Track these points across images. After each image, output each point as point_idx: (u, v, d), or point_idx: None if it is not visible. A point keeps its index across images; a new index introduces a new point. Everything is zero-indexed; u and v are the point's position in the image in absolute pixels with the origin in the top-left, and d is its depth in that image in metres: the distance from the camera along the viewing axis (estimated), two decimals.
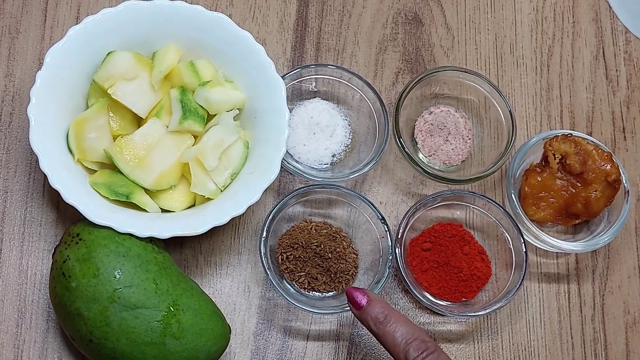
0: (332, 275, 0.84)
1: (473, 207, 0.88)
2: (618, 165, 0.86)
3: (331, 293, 0.85)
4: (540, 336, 0.87)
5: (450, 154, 0.91)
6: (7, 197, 0.85)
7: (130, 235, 0.76)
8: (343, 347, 0.85)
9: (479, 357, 0.86)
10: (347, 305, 0.81)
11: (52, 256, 0.77)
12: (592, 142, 0.87)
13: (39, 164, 0.76)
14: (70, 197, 0.76)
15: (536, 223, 0.87)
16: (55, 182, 0.76)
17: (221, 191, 0.81)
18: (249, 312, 0.85)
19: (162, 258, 0.77)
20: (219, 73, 0.84)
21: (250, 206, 0.78)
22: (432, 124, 0.91)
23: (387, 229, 0.84)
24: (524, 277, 0.84)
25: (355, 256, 0.86)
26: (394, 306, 0.86)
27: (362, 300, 0.73)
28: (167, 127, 0.82)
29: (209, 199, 0.81)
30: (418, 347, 0.70)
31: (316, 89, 0.91)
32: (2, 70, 0.89)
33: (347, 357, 0.84)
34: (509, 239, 0.86)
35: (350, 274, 0.85)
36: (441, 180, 0.87)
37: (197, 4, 0.87)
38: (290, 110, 0.87)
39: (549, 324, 0.88)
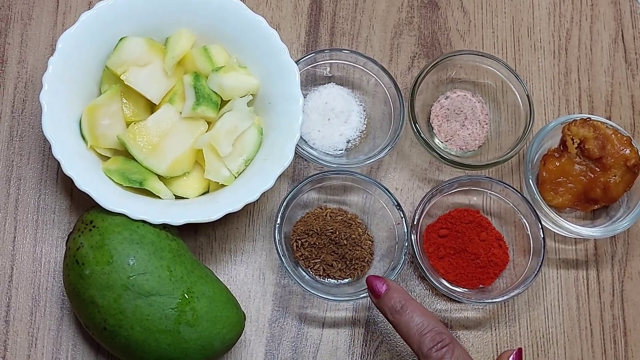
0: (348, 262, 0.83)
1: (490, 193, 0.87)
2: (638, 150, 0.85)
3: (346, 280, 0.84)
4: (559, 323, 0.87)
5: (466, 139, 0.90)
6: (21, 185, 0.85)
7: (144, 222, 0.76)
8: (359, 334, 0.84)
9: (496, 344, 0.85)
10: (362, 292, 0.80)
11: (66, 243, 0.77)
12: (611, 126, 0.86)
13: (51, 151, 0.76)
14: (84, 184, 0.76)
15: (554, 209, 0.86)
16: (68, 169, 0.76)
17: (235, 178, 0.81)
18: (264, 299, 0.84)
19: (176, 245, 0.76)
20: (233, 58, 0.84)
21: (264, 193, 0.78)
22: (448, 109, 0.90)
23: (402, 216, 0.83)
24: (542, 263, 0.83)
25: (370, 243, 0.85)
26: (410, 293, 0.85)
27: (381, 288, 0.73)
28: (181, 113, 0.81)
29: (222, 186, 0.81)
30: (432, 339, 0.69)
31: (331, 74, 0.90)
32: (14, 57, 0.88)
33: (363, 344, 0.84)
34: (527, 225, 0.85)
35: (365, 260, 0.84)
36: (458, 165, 0.86)
37: None
38: (305, 96, 0.86)
39: (567, 310, 0.87)
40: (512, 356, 0.72)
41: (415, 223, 0.83)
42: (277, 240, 0.81)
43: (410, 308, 0.71)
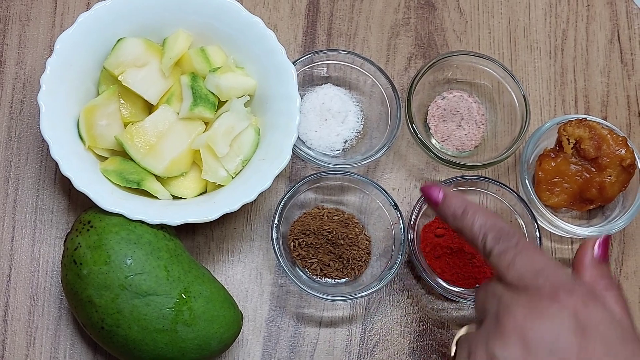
0: (345, 262, 0.84)
1: (486, 193, 0.87)
2: (633, 150, 0.85)
3: (343, 280, 0.84)
4: None
5: (463, 140, 0.90)
6: (19, 185, 0.85)
7: (142, 222, 0.76)
8: (356, 333, 0.84)
9: None
10: (359, 291, 0.81)
11: (64, 243, 0.77)
12: (607, 126, 0.86)
13: (50, 152, 0.76)
14: (81, 184, 0.76)
15: (550, 208, 0.86)
16: (66, 170, 0.76)
17: (232, 178, 0.81)
18: (261, 298, 0.84)
19: (173, 245, 0.76)
20: (230, 59, 0.84)
21: (261, 193, 0.78)
22: (444, 109, 0.91)
23: (399, 215, 0.83)
24: None
25: (367, 242, 0.85)
26: (406, 292, 0.86)
27: (438, 196, 0.71)
28: (178, 113, 0.82)
29: (220, 186, 0.81)
30: (497, 236, 0.66)
31: (328, 75, 0.90)
32: (13, 58, 0.89)
33: (359, 344, 0.84)
34: (523, 224, 0.86)
35: (362, 260, 0.84)
36: (454, 166, 0.87)
37: None
38: (302, 96, 0.87)
39: None
40: (598, 243, 0.67)
41: (412, 223, 0.83)
42: (274, 240, 0.81)
43: (472, 210, 0.68)
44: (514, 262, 0.64)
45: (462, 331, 0.68)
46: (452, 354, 0.67)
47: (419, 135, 0.86)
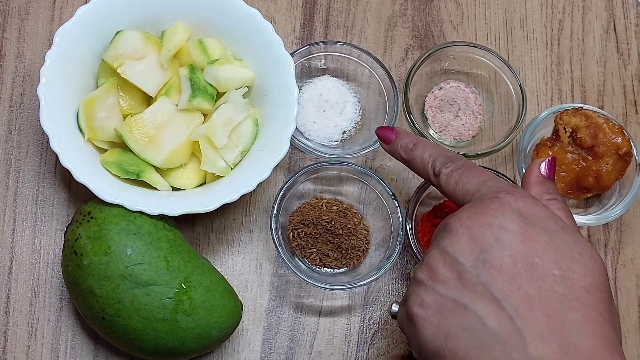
0: (343, 252, 0.84)
1: None
2: (629, 138, 0.86)
3: (342, 269, 0.85)
4: None
5: (460, 130, 0.90)
6: (19, 178, 0.86)
7: (141, 213, 0.76)
8: (355, 323, 0.85)
9: None
10: (358, 280, 0.81)
11: (64, 235, 0.77)
12: (603, 115, 0.86)
13: (49, 144, 0.76)
14: (81, 176, 0.77)
15: None
16: (66, 162, 0.77)
17: (231, 169, 0.82)
18: (260, 288, 0.85)
19: (173, 236, 0.77)
20: (228, 51, 0.84)
21: (260, 183, 0.78)
22: (442, 100, 0.91)
23: (397, 205, 0.84)
24: None
25: (366, 232, 0.86)
26: (405, 281, 0.86)
27: (391, 135, 0.76)
28: (177, 105, 0.82)
29: (219, 177, 0.81)
30: (443, 161, 0.71)
31: (325, 66, 0.91)
32: (12, 52, 0.89)
33: (359, 333, 0.85)
34: None
35: (361, 250, 0.85)
36: None
37: None
38: (300, 88, 0.87)
39: None
40: (544, 163, 0.70)
41: (410, 212, 0.84)
42: (273, 231, 0.82)
43: (422, 143, 0.74)
44: (460, 179, 0.68)
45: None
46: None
47: (416, 125, 0.86)
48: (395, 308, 0.70)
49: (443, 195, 0.71)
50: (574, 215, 0.84)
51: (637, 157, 0.86)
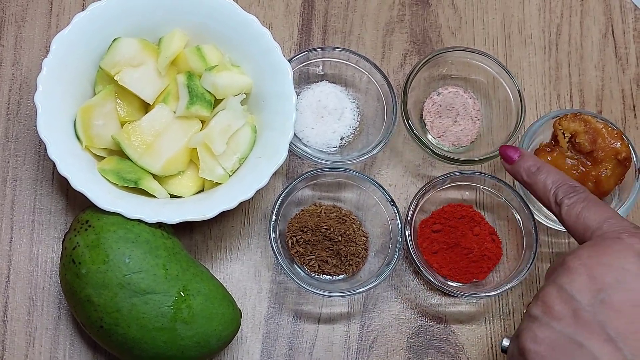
0: (342, 258, 0.84)
1: (483, 188, 0.88)
2: (628, 143, 0.85)
3: (341, 276, 0.85)
4: None
5: (459, 135, 0.90)
6: (17, 186, 0.85)
7: (139, 221, 0.76)
8: (354, 329, 0.85)
9: (490, 337, 0.86)
10: (357, 287, 0.81)
11: (62, 243, 0.77)
12: (602, 120, 0.86)
13: (47, 152, 0.76)
14: (79, 184, 0.76)
15: None
16: (63, 170, 0.76)
17: (229, 176, 0.81)
18: (259, 296, 0.85)
19: (171, 243, 0.77)
20: (226, 57, 0.84)
21: (258, 190, 0.78)
22: (440, 105, 0.91)
23: (396, 211, 0.83)
24: (535, 257, 0.83)
25: (365, 239, 0.86)
26: (404, 288, 0.86)
27: (515, 155, 0.77)
28: (175, 112, 0.82)
29: (217, 184, 0.81)
30: (566, 190, 0.70)
31: (323, 72, 0.90)
32: (9, 59, 0.89)
33: (358, 340, 0.84)
34: (520, 219, 0.86)
35: (360, 256, 0.85)
36: (450, 161, 0.87)
37: None
38: (298, 94, 0.87)
39: None
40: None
41: (409, 219, 0.84)
42: (272, 238, 0.81)
43: (545, 168, 0.74)
44: (582, 213, 0.68)
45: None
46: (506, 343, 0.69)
47: (415, 131, 0.86)
48: (506, 343, 0.69)
49: (563, 226, 0.71)
50: None
51: (636, 162, 0.86)
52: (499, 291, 0.83)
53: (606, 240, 0.64)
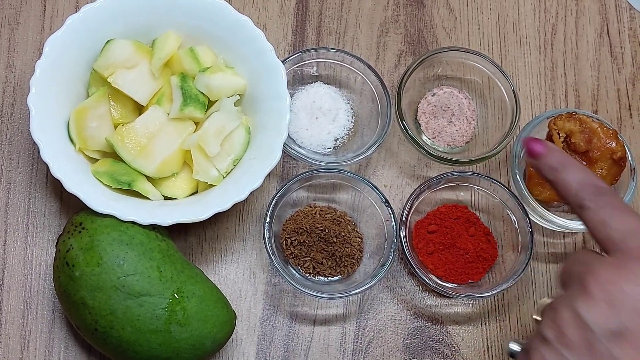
0: (337, 260, 0.84)
1: (478, 189, 0.87)
2: (624, 143, 0.85)
3: (337, 277, 0.84)
4: None
5: (454, 136, 0.90)
6: (11, 188, 0.85)
7: (133, 223, 0.76)
8: (350, 331, 0.84)
9: (487, 338, 0.86)
10: (353, 288, 0.81)
11: (56, 246, 0.77)
12: (597, 119, 0.86)
13: (40, 154, 0.76)
14: (72, 186, 0.76)
15: (542, 203, 0.86)
16: (56, 172, 0.76)
17: (224, 177, 0.81)
18: (254, 298, 0.84)
19: (165, 245, 0.76)
20: (219, 59, 0.84)
21: (253, 192, 0.78)
22: (435, 106, 0.91)
23: (391, 212, 0.83)
24: (530, 257, 0.83)
25: (360, 240, 0.85)
26: (400, 289, 0.86)
27: (541, 149, 0.70)
28: (168, 114, 0.82)
29: (211, 186, 0.81)
30: (592, 192, 0.65)
31: (317, 73, 0.90)
32: (2, 62, 0.89)
33: (354, 341, 0.84)
34: (515, 219, 0.86)
35: (355, 257, 0.84)
36: (445, 162, 0.87)
37: None
38: (292, 95, 0.87)
39: None
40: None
41: (404, 219, 0.84)
42: (266, 239, 0.81)
43: (571, 166, 0.68)
44: (605, 221, 0.63)
45: (547, 300, 0.67)
46: (538, 318, 0.66)
47: (409, 132, 0.86)
48: (513, 347, 0.67)
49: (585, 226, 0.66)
50: (569, 221, 0.85)
51: (631, 162, 0.86)
52: (494, 292, 0.83)
53: (630, 261, 0.60)
